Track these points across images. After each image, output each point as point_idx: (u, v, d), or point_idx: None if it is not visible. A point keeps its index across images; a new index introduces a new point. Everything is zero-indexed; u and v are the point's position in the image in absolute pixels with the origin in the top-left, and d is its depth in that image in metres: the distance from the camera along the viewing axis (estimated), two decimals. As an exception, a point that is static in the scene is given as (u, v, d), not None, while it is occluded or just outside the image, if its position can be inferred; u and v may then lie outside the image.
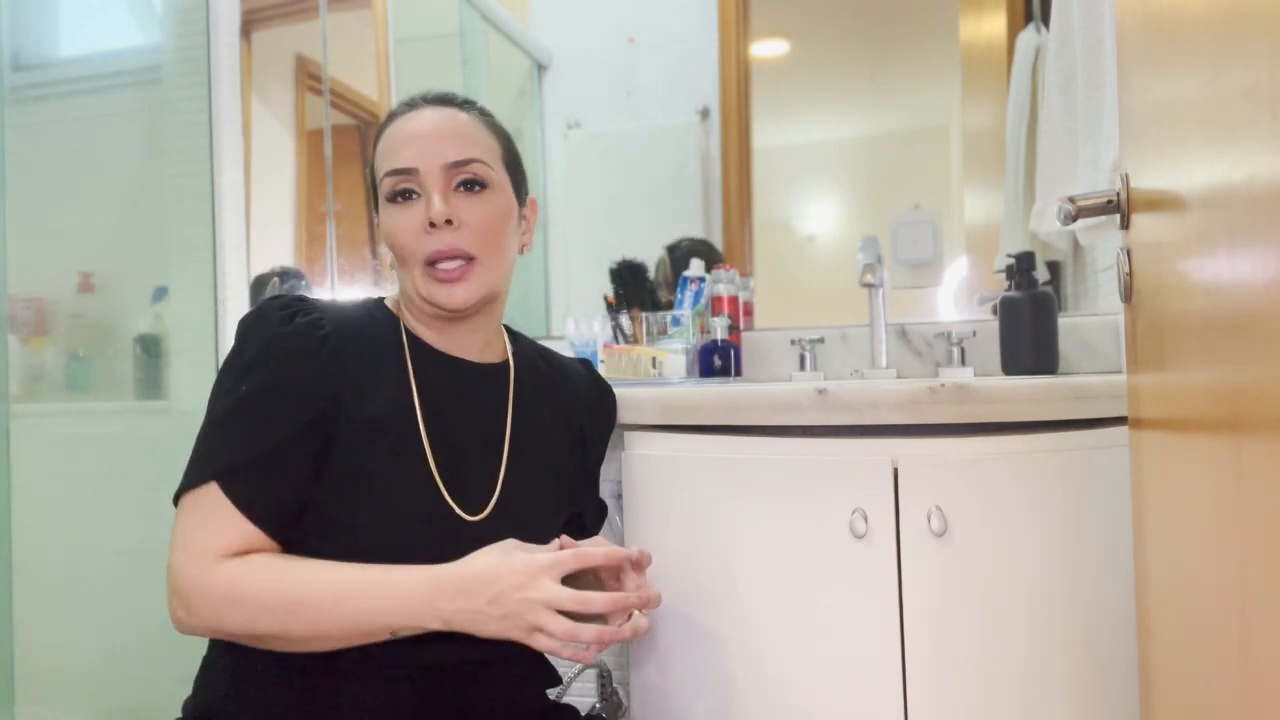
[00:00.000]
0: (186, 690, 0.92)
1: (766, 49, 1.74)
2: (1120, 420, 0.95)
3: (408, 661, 0.86)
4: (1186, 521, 0.69)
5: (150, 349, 1.67)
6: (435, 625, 0.81)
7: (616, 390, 1.15)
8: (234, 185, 1.62)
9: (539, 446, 1.00)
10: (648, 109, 1.80)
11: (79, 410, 1.66)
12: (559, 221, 1.84)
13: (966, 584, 0.97)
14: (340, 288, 1.86)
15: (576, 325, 1.65)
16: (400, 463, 0.89)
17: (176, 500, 0.86)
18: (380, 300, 1.00)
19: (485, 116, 0.98)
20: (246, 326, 0.89)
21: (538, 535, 0.94)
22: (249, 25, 1.77)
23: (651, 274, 1.76)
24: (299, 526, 0.86)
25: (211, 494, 0.83)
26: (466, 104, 0.97)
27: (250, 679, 0.87)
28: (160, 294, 1.67)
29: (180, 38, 1.64)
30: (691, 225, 1.76)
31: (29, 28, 1.74)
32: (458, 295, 0.90)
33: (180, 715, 0.90)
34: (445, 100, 0.96)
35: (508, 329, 1.06)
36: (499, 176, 0.94)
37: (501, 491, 0.94)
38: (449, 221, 0.89)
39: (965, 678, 0.97)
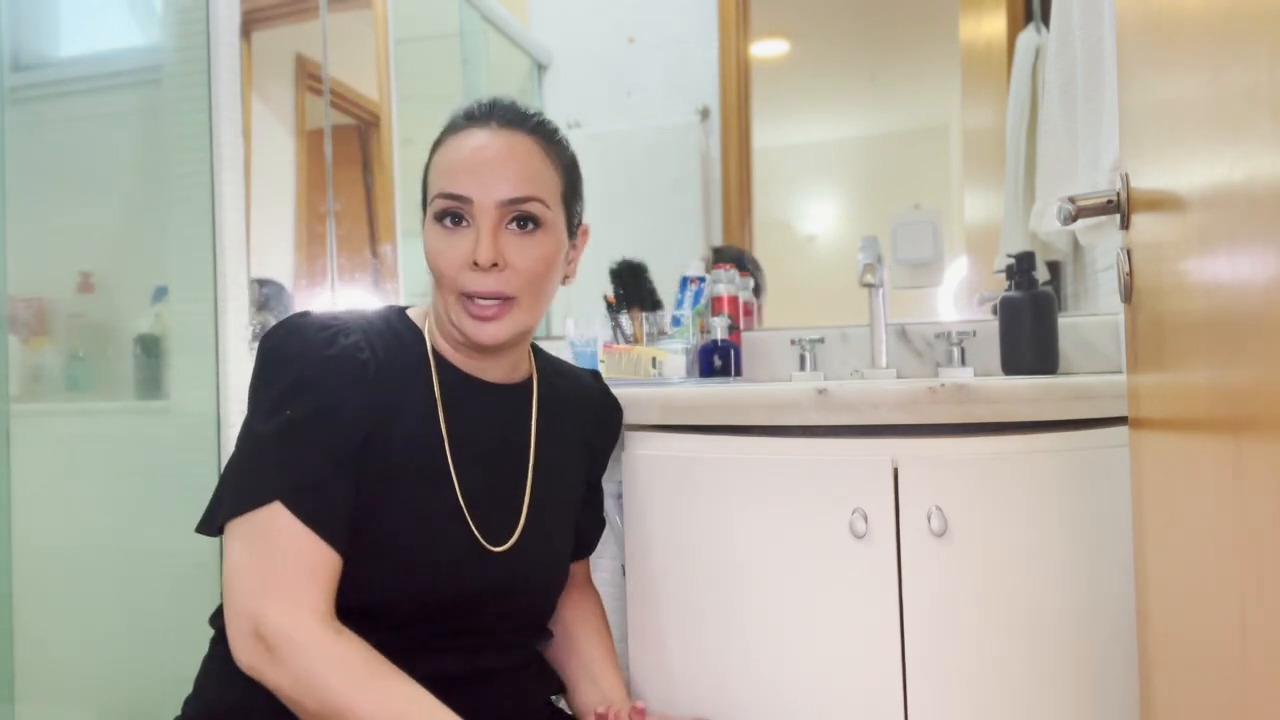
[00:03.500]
0: (186, 689, 0.92)
1: (766, 49, 1.74)
2: (1120, 420, 0.95)
3: (418, 669, 0.84)
4: (1186, 521, 0.69)
5: (150, 349, 1.67)
6: None
7: (616, 390, 1.15)
8: (234, 185, 1.62)
9: (560, 468, 1.01)
10: (648, 109, 1.80)
11: (79, 410, 1.66)
12: (559, 221, 1.84)
13: (966, 584, 0.97)
14: (340, 287, 1.86)
15: (576, 325, 1.64)
16: (428, 492, 0.88)
17: (219, 526, 0.82)
18: (403, 311, 0.97)
19: (553, 143, 0.92)
20: (282, 342, 0.85)
21: (556, 559, 0.96)
22: (249, 25, 1.77)
23: (663, 270, 1.74)
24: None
25: (275, 515, 0.79)
26: (537, 127, 0.91)
27: (255, 680, 0.85)
28: (160, 294, 1.67)
29: (180, 38, 1.64)
30: (691, 225, 1.76)
31: (29, 28, 1.74)
32: (488, 333, 0.88)
33: (179, 714, 0.90)
34: (514, 121, 0.90)
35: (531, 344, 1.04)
36: (554, 216, 0.90)
37: (526, 520, 0.94)
38: (495, 264, 0.86)
39: (965, 678, 0.97)
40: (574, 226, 0.96)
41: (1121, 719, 0.97)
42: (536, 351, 1.06)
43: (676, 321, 1.55)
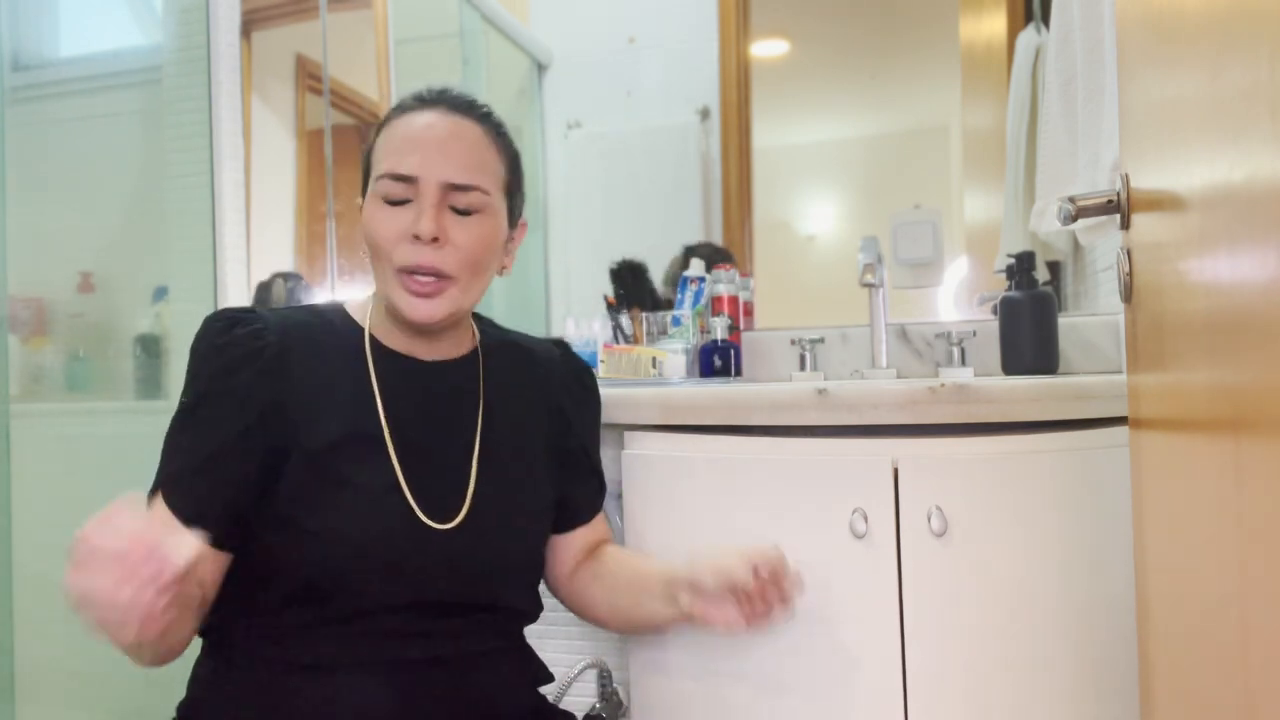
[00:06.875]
0: (184, 689, 0.92)
1: (766, 49, 1.74)
2: (1120, 420, 0.95)
3: (391, 656, 0.86)
4: (1186, 521, 0.69)
5: (150, 349, 1.67)
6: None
7: (617, 390, 1.15)
8: (234, 185, 1.62)
9: (515, 436, 0.98)
10: (648, 109, 1.80)
11: (79, 410, 1.66)
12: (559, 221, 1.84)
13: (966, 584, 0.97)
14: (340, 288, 1.86)
15: (576, 325, 1.65)
16: (365, 471, 0.88)
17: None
18: (340, 305, 0.98)
19: (500, 135, 0.94)
20: (192, 345, 0.90)
21: (518, 537, 0.94)
22: (249, 25, 1.77)
23: (663, 270, 1.75)
24: (261, 528, 0.86)
25: (159, 503, 0.85)
26: (485, 116, 0.93)
27: (231, 676, 0.87)
28: (160, 294, 1.67)
29: (180, 38, 1.64)
30: (691, 225, 1.76)
31: (29, 28, 1.74)
32: (423, 311, 0.88)
33: (175, 716, 0.91)
34: (463, 108, 0.92)
35: (476, 316, 1.03)
36: (496, 204, 0.91)
37: (474, 497, 0.92)
38: (435, 239, 0.87)
39: (965, 678, 0.97)
40: (514, 218, 0.97)
41: (1122, 718, 0.97)
42: (484, 323, 1.04)
43: (676, 321, 1.55)
